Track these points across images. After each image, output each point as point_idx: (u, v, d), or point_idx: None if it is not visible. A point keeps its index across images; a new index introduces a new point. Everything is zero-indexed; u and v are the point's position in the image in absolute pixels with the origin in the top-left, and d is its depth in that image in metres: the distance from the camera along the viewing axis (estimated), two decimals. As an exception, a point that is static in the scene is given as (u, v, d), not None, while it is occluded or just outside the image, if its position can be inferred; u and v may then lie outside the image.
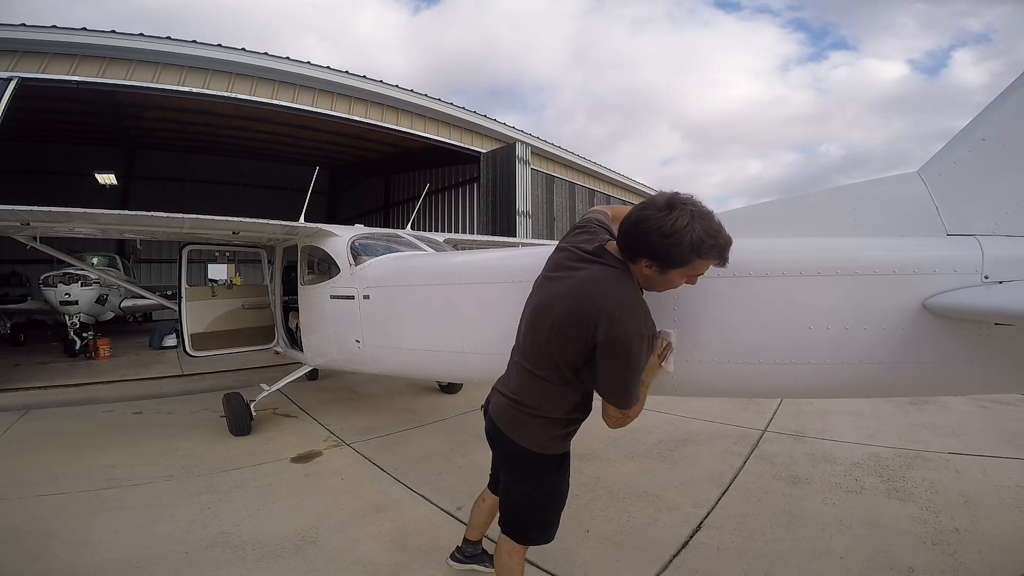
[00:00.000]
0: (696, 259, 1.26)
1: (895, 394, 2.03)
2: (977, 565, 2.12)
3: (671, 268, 1.30)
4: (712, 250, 1.26)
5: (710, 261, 1.29)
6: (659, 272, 1.32)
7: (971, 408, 4.42)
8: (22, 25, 6.97)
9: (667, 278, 1.35)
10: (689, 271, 1.32)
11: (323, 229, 4.11)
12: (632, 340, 1.31)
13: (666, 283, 1.38)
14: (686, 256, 1.25)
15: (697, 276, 1.37)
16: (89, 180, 14.99)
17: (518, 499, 1.62)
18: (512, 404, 1.57)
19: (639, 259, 1.33)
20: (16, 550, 2.33)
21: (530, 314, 1.56)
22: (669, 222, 1.23)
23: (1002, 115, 1.51)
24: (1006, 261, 1.41)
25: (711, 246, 1.25)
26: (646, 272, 1.35)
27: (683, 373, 1.81)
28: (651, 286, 1.42)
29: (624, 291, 1.37)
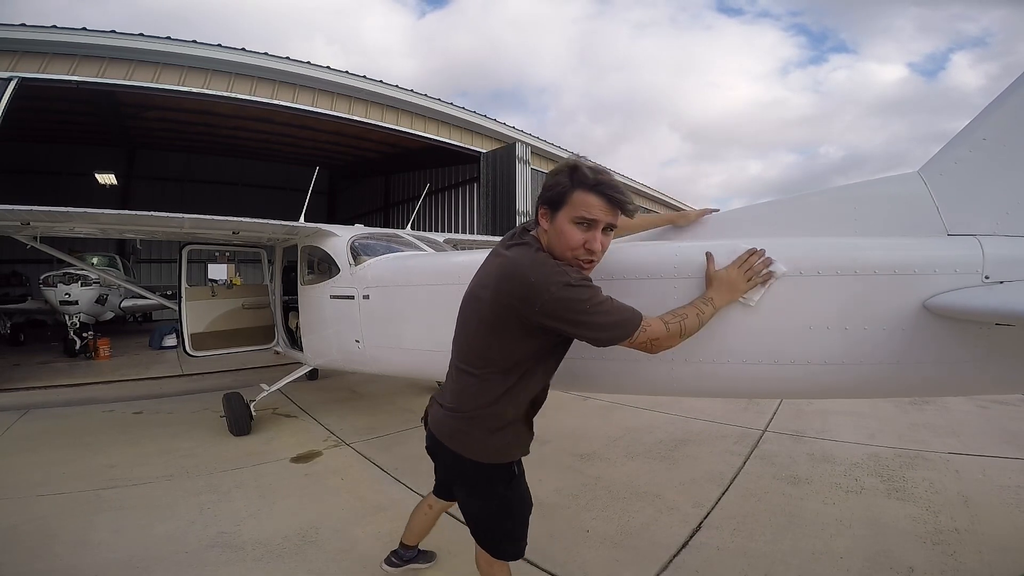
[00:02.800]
0: (574, 190, 1.22)
1: (895, 394, 2.03)
2: (977, 565, 2.12)
3: (559, 210, 1.25)
4: (580, 174, 1.22)
5: (590, 194, 1.22)
6: (551, 220, 1.27)
7: (971, 408, 4.43)
8: (22, 25, 6.97)
9: (558, 226, 1.26)
10: (572, 211, 1.23)
11: (323, 229, 4.11)
12: (561, 290, 1.20)
13: (559, 234, 1.27)
14: (564, 187, 1.23)
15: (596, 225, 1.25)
16: (89, 180, 14.99)
17: (477, 514, 1.50)
18: (450, 413, 1.44)
19: (538, 212, 1.31)
20: (16, 550, 2.33)
21: (460, 312, 1.46)
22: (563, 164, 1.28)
23: (1002, 115, 1.51)
24: (1007, 261, 1.41)
25: (578, 169, 1.23)
26: (545, 226, 1.30)
27: (683, 373, 1.81)
28: (552, 246, 1.30)
29: (535, 257, 1.28)
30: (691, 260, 1.77)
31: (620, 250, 2.13)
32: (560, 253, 1.29)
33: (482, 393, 1.37)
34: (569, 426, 4.28)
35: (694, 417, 4.34)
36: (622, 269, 1.85)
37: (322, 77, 9.32)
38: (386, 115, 10.39)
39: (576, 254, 1.28)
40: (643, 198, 18.36)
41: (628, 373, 1.90)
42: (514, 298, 1.25)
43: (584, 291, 1.23)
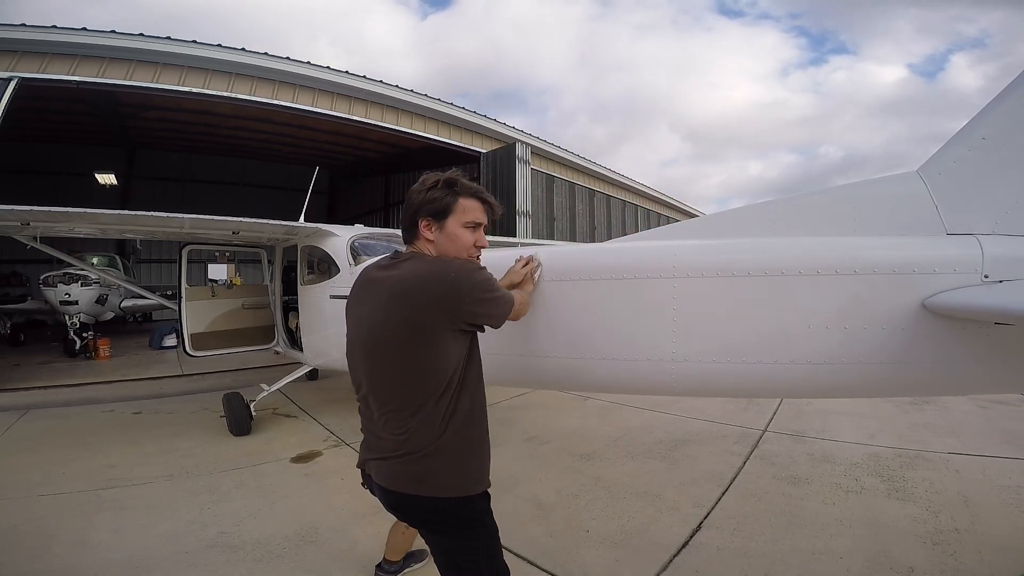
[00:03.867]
0: (457, 199, 1.33)
1: (895, 394, 2.03)
2: (977, 565, 2.12)
3: (446, 218, 1.33)
4: (461, 186, 1.35)
5: (472, 200, 1.36)
6: (439, 228, 1.34)
7: (971, 408, 4.43)
8: (22, 25, 6.98)
9: (448, 232, 1.34)
10: (462, 216, 1.34)
11: (323, 229, 4.11)
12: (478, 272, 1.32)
13: (452, 239, 1.34)
14: (446, 198, 1.33)
15: (480, 226, 1.39)
16: (89, 180, 15.01)
17: (461, 561, 1.32)
18: (405, 459, 1.26)
19: (417, 227, 1.35)
20: (16, 550, 2.33)
21: (367, 355, 1.31)
22: (423, 184, 1.36)
23: (1002, 114, 1.51)
24: (1006, 260, 1.41)
25: (458, 182, 1.35)
26: (430, 236, 1.34)
27: (683, 373, 1.81)
28: (443, 251, 1.36)
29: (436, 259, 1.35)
30: (691, 260, 1.77)
31: (620, 250, 2.14)
32: (455, 255, 1.36)
33: (433, 421, 1.24)
34: (569, 426, 4.28)
35: (694, 417, 4.34)
36: (622, 269, 1.86)
37: (322, 77, 9.33)
38: (386, 115, 10.39)
39: (470, 252, 1.39)
40: (643, 198, 18.37)
41: (628, 373, 1.91)
42: (442, 300, 1.23)
43: (487, 272, 1.35)
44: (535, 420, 4.45)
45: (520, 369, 2.17)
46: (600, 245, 2.38)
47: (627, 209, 17.02)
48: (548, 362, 2.03)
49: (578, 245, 1.93)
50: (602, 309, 1.87)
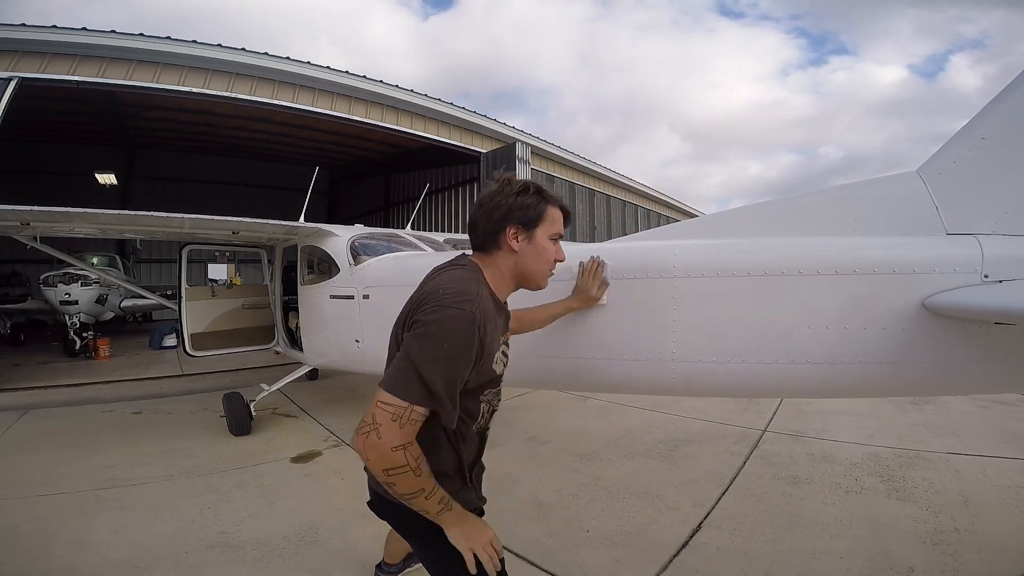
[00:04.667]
0: (546, 207, 1.24)
1: (895, 394, 2.03)
2: (977, 565, 2.12)
3: (536, 227, 1.23)
4: (548, 194, 1.26)
5: (558, 210, 1.27)
6: (528, 237, 1.23)
7: (971, 408, 4.43)
8: (22, 25, 6.97)
9: (537, 243, 1.24)
10: (549, 227, 1.26)
11: (323, 229, 4.11)
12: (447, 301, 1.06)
13: (539, 251, 1.25)
14: (540, 205, 1.23)
15: (559, 239, 1.30)
16: (89, 180, 14.99)
17: (439, 570, 1.24)
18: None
19: (502, 234, 1.20)
20: (16, 550, 2.33)
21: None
22: (509, 186, 1.23)
23: (1002, 114, 1.51)
24: (1006, 260, 1.41)
25: (544, 190, 1.26)
26: (515, 246, 1.21)
27: (684, 373, 1.81)
28: (530, 264, 1.25)
29: (463, 275, 1.17)
30: (691, 260, 1.77)
31: (620, 250, 2.13)
32: (540, 269, 1.27)
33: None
34: (569, 426, 4.29)
35: (694, 417, 4.34)
36: (621, 269, 1.86)
37: (322, 77, 9.32)
38: (386, 115, 10.39)
39: (551, 268, 1.31)
40: (643, 198, 18.37)
41: (629, 373, 1.91)
42: (406, 309, 1.14)
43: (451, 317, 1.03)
44: (535, 420, 4.45)
45: (522, 369, 2.17)
46: (600, 245, 2.38)
47: (627, 209, 17.01)
48: (549, 362, 2.03)
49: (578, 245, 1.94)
50: (602, 309, 1.87)
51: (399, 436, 0.99)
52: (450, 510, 1.10)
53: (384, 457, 0.99)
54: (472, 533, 1.11)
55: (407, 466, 1.00)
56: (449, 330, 1.03)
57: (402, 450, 0.99)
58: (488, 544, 1.12)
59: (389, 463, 0.99)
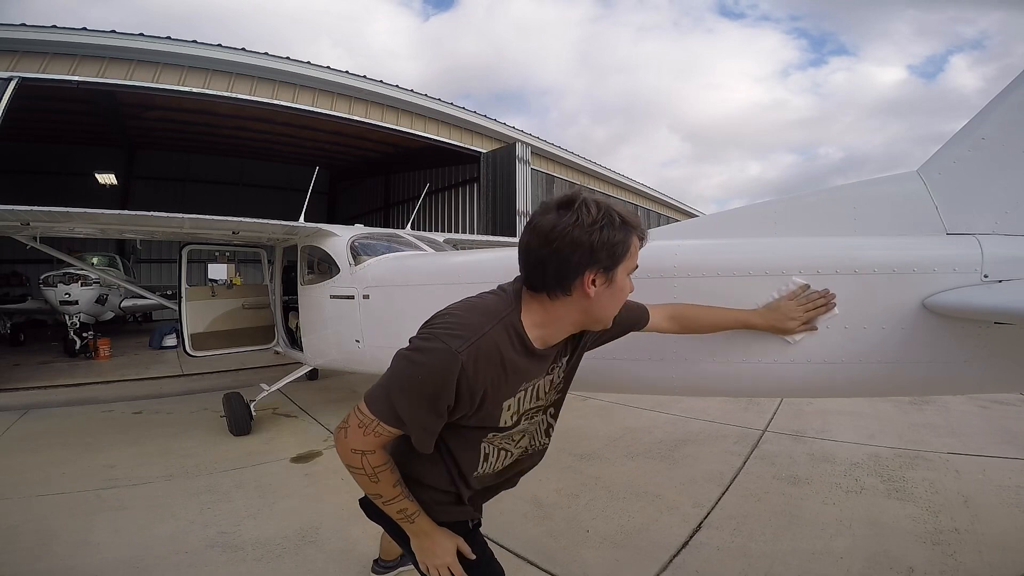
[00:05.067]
0: (632, 237, 0.99)
1: (895, 393, 2.03)
2: (977, 565, 2.12)
3: (616, 265, 0.98)
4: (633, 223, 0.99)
5: (638, 239, 1.01)
6: (608, 280, 0.98)
7: (971, 408, 4.42)
8: (22, 25, 6.98)
9: (618, 285, 1.01)
10: (630, 263, 1.01)
11: (323, 229, 4.11)
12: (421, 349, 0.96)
13: (618, 294, 1.03)
14: (623, 238, 0.96)
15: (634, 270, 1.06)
16: (89, 180, 15.01)
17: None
18: None
19: (579, 279, 0.96)
20: (16, 550, 2.33)
21: None
22: (588, 214, 0.93)
23: (1002, 114, 1.51)
24: (1006, 260, 1.41)
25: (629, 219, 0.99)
26: (591, 293, 0.97)
27: (684, 373, 1.81)
28: (604, 308, 1.03)
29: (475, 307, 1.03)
30: (691, 260, 1.77)
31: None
32: (612, 312, 1.07)
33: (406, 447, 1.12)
34: (569, 426, 4.28)
35: (694, 417, 4.34)
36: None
37: (322, 77, 9.33)
38: (386, 115, 10.39)
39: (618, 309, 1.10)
40: (643, 198, 18.37)
41: (629, 373, 1.91)
42: None
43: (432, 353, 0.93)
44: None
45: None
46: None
47: (627, 209, 16.99)
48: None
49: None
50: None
51: (361, 442, 1.00)
52: (411, 523, 1.08)
53: (345, 454, 1.02)
54: (431, 551, 1.11)
55: (363, 470, 1.02)
56: (425, 365, 0.93)
57: (360, 455, 1.00)
58: (444, 567, 1.10)
59: (348, 461, 1.02)
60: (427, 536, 1.11)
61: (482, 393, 0.99)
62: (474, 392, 0.97)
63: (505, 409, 1.08)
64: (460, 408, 0.99)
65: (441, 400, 0.95)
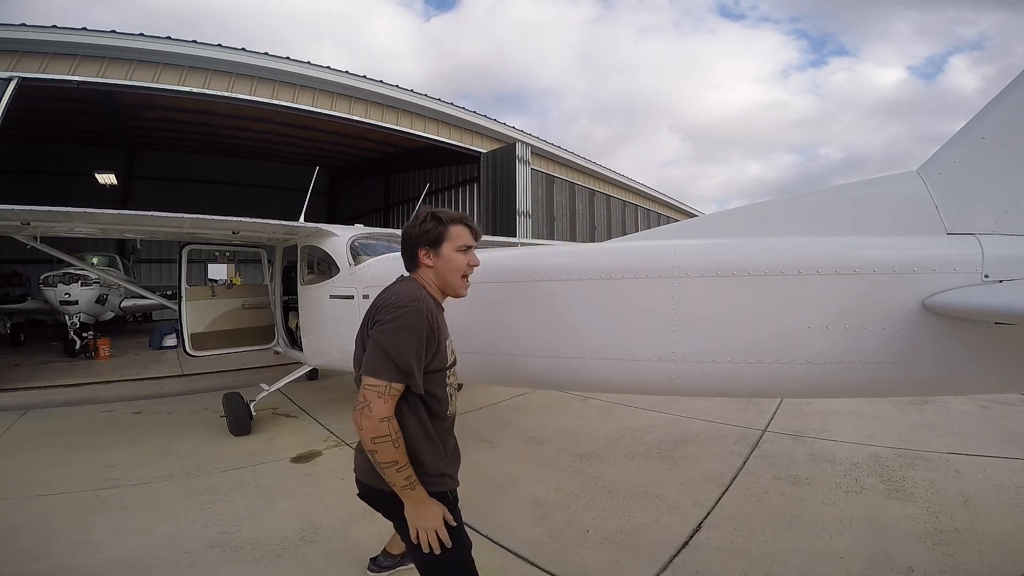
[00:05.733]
0: (445, 226, 1.48)
1: (895, 394, 2.03)
2: (977, 565, 2.12)
3: (440, 245, 1.47)
4: (446, 216, 1.50)
5: (459, 226, 1.50)
6: (436, 255, 1.48)
7: (971, 408, 4.43)
8: (22, 25, 6.97)
9: (444, 256, 1.48)
10: (454, 242, 1.48)
11: (323, 229, 4.11)
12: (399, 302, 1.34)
13: (447, 261, 1.48)
14: (437, 228, 1.47)
15: (470, 249, 1.52)
16: (89, 180, 15.01)
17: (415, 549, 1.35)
18: (362, 452, 1.41)
19: (418, 256, 1.49)
20: (16, 550, 2.33)
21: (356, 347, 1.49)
22: (416, 219, 1.52)
23: (1002, 114, 1.51)
24: (1006, 260, 1.41)
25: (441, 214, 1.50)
26: (429, 263, 1.49)
27: (684, 372, 1.81)
28: (443, 274, 1.50)
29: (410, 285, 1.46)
30: (691, 260, 1.77)
31: (620, 250, 2.13)
32: (453, 275, 1.51)
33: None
34: (569, 426, 4.28)
35: (694, 417, 4.34)
36: (621, 269, 1.86)
37: (322, 77, 9.33)
38: (386, 115, 10.39)
39: (464, 272, 1.53)
40: (643, 198, 18.37)
41: (628, 372, 1.91)
42: (368, 314, 1.41)
43: (411, 311, 1.33)
44: (535, 420, 4.45)
45: (523, 369, 2.17)
46: (600, 245, 2.38)
47: (627, 209, 17.01)
48: (550, 362, 2.03)
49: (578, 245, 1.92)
50: (602, 308, 1.87)
51: (384, 409, 1.25)
52: (412, 489, 1.29)
53: (373, 428, 1.23)
54: (423, 515, 1.31)
55: (389, 436, 1.24)
56: (406, 321, 1.31)
57: (387, 422, 1.24)
58: (432, 529, 1.31)
59: (377, 432, 1.23)
60: (422, 503, 1.30)
61: (436, 331, 1.38)
62: (433, 329, 1.36)
63: (448, 349, 1.46)
64: (430, 346, 1.35)
65: (423, 334, 1.32)
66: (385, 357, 1.27)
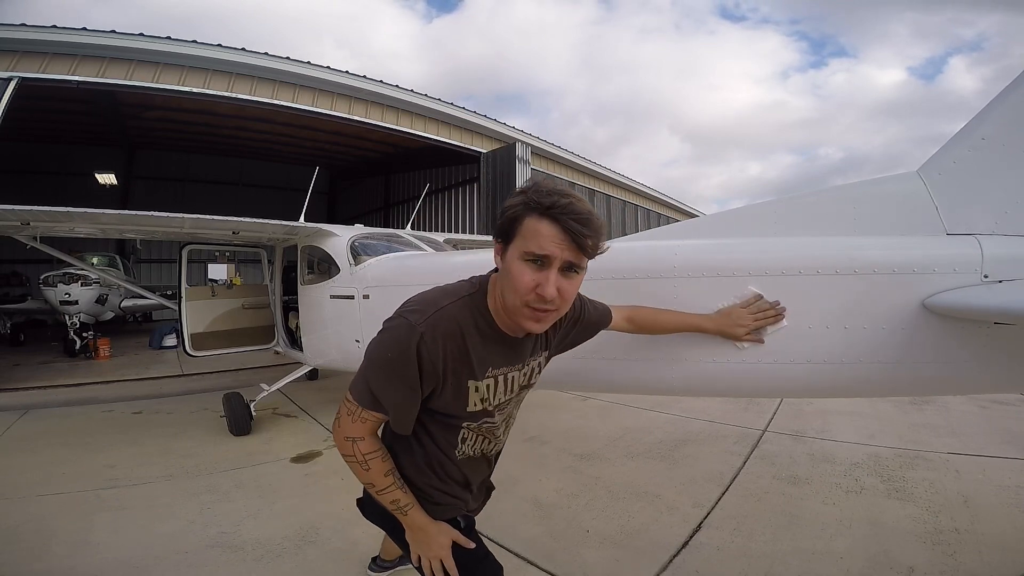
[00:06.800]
0: (526, 215, 0.93)
1: (895, 394, 2.03)
2: (977, 565, 2.12)
3: (511, 241, 0.96)
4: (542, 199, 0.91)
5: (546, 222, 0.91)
6: (504, 254, 0.99)
7: (971, 408, 4.42)
8: (22, 25, 6.97)
9: (508, 267, 0.97)
10: (522, 243, 0.94)
11: (323, 229, 4.11)
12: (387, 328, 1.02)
13: (508, 275, 0.97)
14: (519, 213, 0.94)
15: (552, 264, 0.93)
16: (89, 180, 15.00)
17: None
18: None
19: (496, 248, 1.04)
20: (16, 550, 2.33)
21: None
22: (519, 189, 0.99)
23: (1002, 114, 1.51)
24: (1006, 260, 1.41)
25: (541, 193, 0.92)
26: (498, 263, 1.03)
27: (684, 372, 1.81)
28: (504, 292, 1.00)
29: (440, 289, 1.10)
30: (691, 260, 1.77)
31: (620, 250, 2.13)
32: (511, 301, 0.98)
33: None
34: (569, 426, 4.28)
35: (694, 417, 4.34)
36: (621, 269, 1.86)
37: (322, 77, 9.32)
38: (386, 115, 10.39)
39: (527, 300, 0.95)
40: (643, 198, 18.37)
41: (628, 373, 1.91)
42: None
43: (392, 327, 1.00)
44: (535, 420, 4.45)
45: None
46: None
47: (627, 209, 17.01)
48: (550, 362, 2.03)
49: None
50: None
51: (352, 429, 1.07)
52: (404, 515, 1.12)
53: (339, 443, 1.10)
54: (425, 543, 1.15)
55: (354, 458, 1.08)
56: (389, 341, 1.00)
57: (351, 443, 1.07)
58: (436, 558, 1.14)
59: (342, 449, 1.09)
60: (420, 529, 1.14)
61: (443, 367, 1.01)
62: (435, 363, 0.99)
63: (473, 391, 1.07)
64: (427, 382, 1.01)
65: (407, 372, 0.98)
66: (362, 378, 1.04)
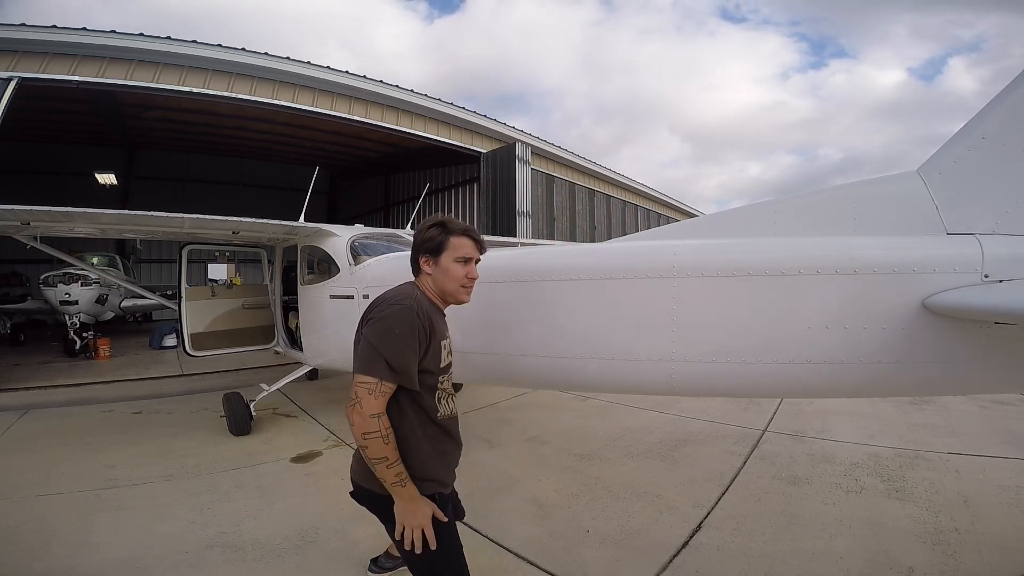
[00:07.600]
0: (448, 237, 1.49)
1: (896, 394, 2.03)
2: (977, 565, 2.12)
3: (440, 254, 1.49)
4: (452, 225, 1.51)
5: (462, 237, 1.51)
6: (435, 262, 1.50)
7: (971, 408, 4.43)
8: (22, 25, 6.98)
9: (442, 266, 1.49)
10: (453, 252, 1.49)
11: (323, 229, 4.11)
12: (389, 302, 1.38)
13: (445, 272, 1.49)
14: (439, 237, 1.49)
15: (471, 261, 1.53)
16: (89, 180, 15.01)
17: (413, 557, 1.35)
18: (356, 454, 1.43)
19: (418, 262, 1.53)
20: (16, 550, 2.33)
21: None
22: (423, 226, 1.55)
23: (1002, 114, 1.51)
24: (1006, 260, 1.41)
25: (447, 223, 1.52)
26: (428, 270, 1.51)
27: (684, 373, 1.81)
28: (441, 283, 1.51)
29: (403, 287, 1.49)
30: (691, 260, 1.77)
31: (620, 250, 2.13)
32: (450, 286, 1.52)
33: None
34: (569, 426, 4.28)
35: (694, 417, 4.34)
36: (621, 269, 1.86)
37: (322, 77, 9.33)
38: (386, 115, 10.39)
39: (462, 283, 1.53)
40: (643, 198, 18.37)
41: (628, 373, 1.91)
42: (363, 315, 1.42)
43: (402, 311, 1.34)
44: (535, 420, 4.45)
45: (522, 369, 2.17)
46: (600, 245, 2.38)
47: (627, 209, 17.02)
48: (550, 362, 2.03)
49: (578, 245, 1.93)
50: (602, 309, 1.87)
51: (374, 406, 1.26)
52: (403, 486, 1.30)
53: (363, 423, 1.25)
54: (411, 512, 1.31)
55: (379, 432, 1.26)
56: (397, 319, 1.33)
57: (377, 418, 1.26)
58: (419, 527, 1.31)
59: (367, 427, 1.25)
60: (411, 500, 1.31)
61: (428, 331, 1.38)
62: (425, 328, 1.37)
63: (443, 348, 1.46)
64: (422, 343, 1.35)
65: (415, 339, 1.33)
66: (376, 355, 1.28)
